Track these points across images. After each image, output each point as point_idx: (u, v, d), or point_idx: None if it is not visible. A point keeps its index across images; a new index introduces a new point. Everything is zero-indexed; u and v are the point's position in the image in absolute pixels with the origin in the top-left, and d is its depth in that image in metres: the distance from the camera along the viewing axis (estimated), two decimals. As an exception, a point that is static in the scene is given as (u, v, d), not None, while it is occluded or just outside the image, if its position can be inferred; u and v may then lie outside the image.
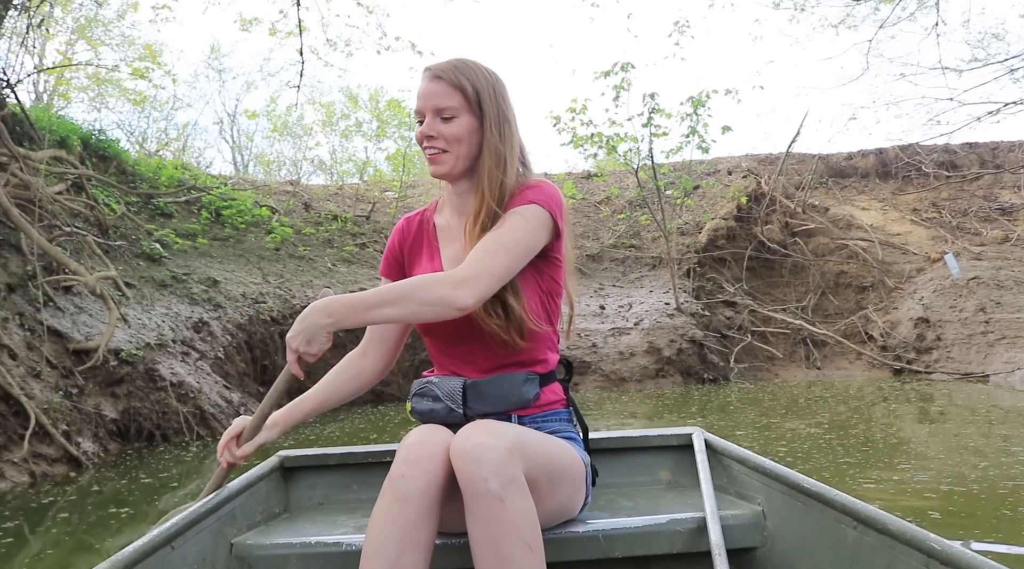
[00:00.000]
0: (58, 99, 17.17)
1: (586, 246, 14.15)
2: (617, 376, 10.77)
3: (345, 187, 15.59)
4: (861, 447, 5.44)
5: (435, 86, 1.71)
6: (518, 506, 1.42)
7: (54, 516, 4.35)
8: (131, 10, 18.81)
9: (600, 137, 12.37)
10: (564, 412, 1.83)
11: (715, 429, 6.59)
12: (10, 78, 9.18)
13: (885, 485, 4.27)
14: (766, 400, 8.66)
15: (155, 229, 9.78)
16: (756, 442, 5.79)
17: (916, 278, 12.67)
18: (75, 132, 10.06)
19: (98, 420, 6.16)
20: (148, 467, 5.65)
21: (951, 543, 1.35)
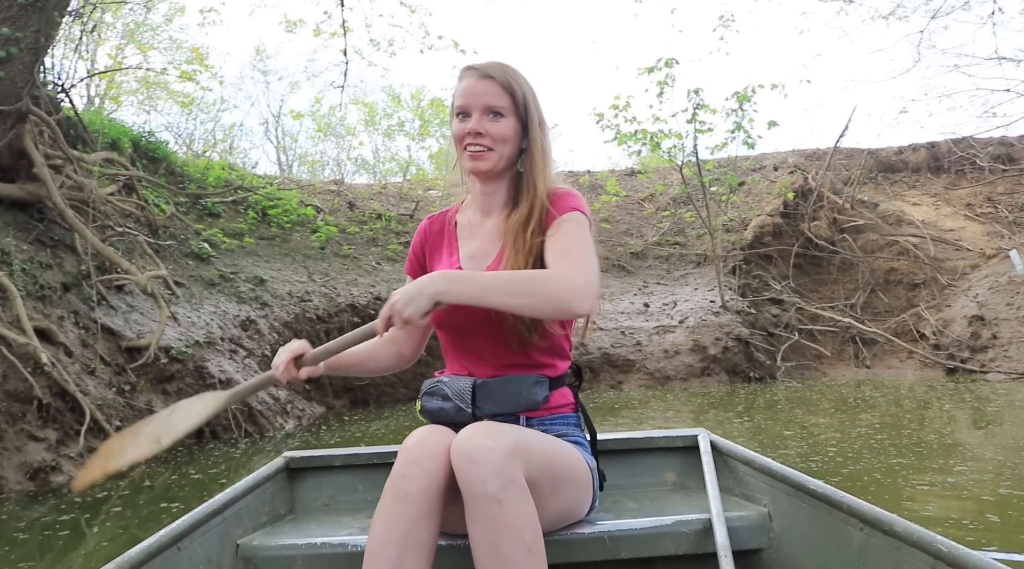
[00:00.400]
0: (109, 102, 17.55)
1: (630, 244, 14.05)
2: (662, 374, 10.68)
3: (388, 186, 15.69)
4: (914, 448, 5.32)
5: (486, 85, 1.74)
6: (517, 508, 1.42)
7: (108, 510, 4.43)
8: (178, 14, 19.16)
9: (644, 134, 12.26)
10: (573, 416, 1.83)
11: (762, 428, 6.50)
12: (64, 83, 9.41)
13: (940, 487, 4.16)
14: (814, 399, 8.51)
15: (203, 229, 9.94)
16: (805, 442, 5.68)
17: (970, 275, 12.35)
18: (126, 134, 10.27)
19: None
20: (198, 463, 5.74)
21: (958, 545, 1.34)
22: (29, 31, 6.66)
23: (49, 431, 5.42)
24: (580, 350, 10.83)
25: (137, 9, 17.16)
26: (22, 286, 6.06)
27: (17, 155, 6.96)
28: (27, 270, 6.36)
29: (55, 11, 6.83)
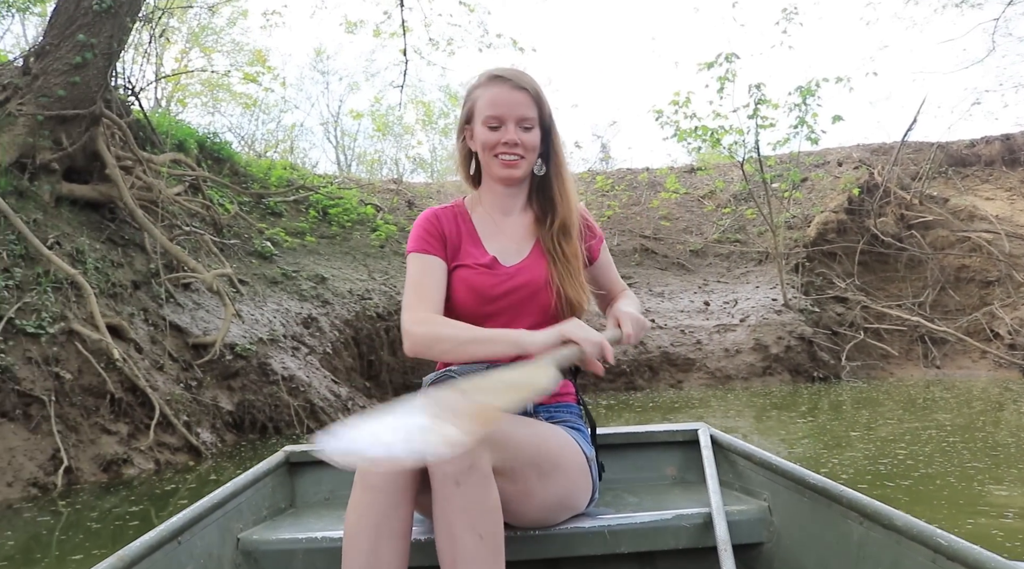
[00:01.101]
0: (175, 105, 18.01)
1: (689, 241, 13.89)
2: (722, 374, 10.53)
3: (446, 185, 15.77)
4: (989, 451, 5.13)
5: (520, 96, 1.82)
6: (474, 494, 1.45)
7: (176, 502, 4.54)
8: (241, 17, 19.55)
9: (704, 130, 12.10)
10: (575, 406, 1.91)
11: (827, 429, 6.35)
12: (134, 87, 9.68)
13: (1022, 492, 4.00)
14: (881, 400, 8.29)
15: (266, 228, 10.12)
16: (872, 443, 5.54)
17: (1047, 272, 11.89)
18: (191, 136, 10.52)
19: (215, 412, 6.41)
20: (261, 457, 5.83)
21: (957, 538, 1.35)
22: (103, 37, 6.86)
23: (121, 425, 5.57)
24: (639, 348, 10.74)
25: (201, 13, 17.58)
26: (95, 284, 6.25)
27: (91, 157, 7.19)
28: (100, 268, 6.55)
29: (127, 17, 7.03)
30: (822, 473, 4.55)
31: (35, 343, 5.43)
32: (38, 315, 5.56)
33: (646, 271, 13.20)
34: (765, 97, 11.70)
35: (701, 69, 11.91)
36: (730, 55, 11.64)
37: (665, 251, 13.76)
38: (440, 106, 24.64)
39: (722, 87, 11.80)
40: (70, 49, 6.82)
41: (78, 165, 7.14)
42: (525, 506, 1.65)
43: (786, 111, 11.89)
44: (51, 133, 6.75)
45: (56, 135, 6.81)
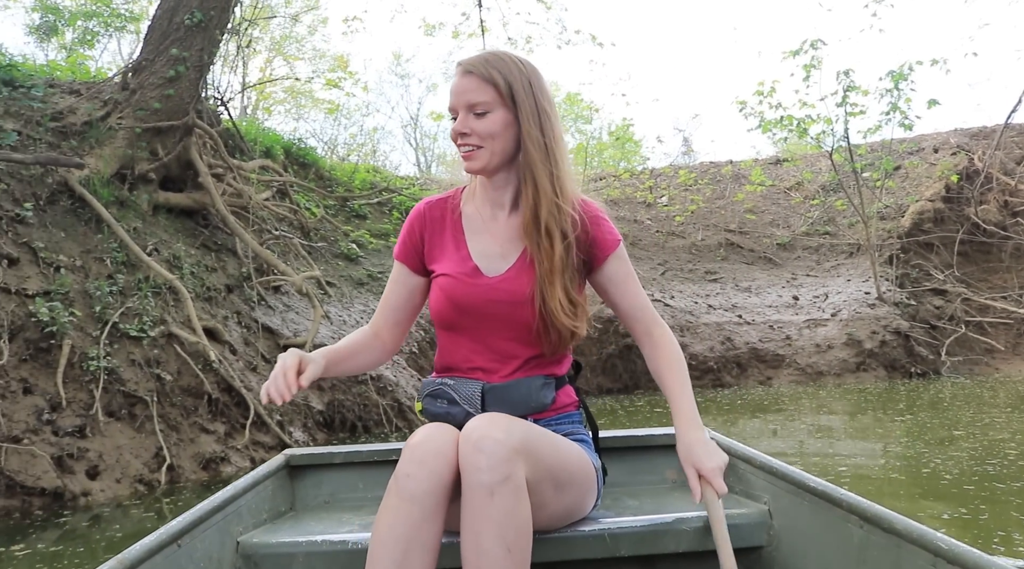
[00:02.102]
0: (261, 112, 18.55)
1: (776, 235, 13.55)
2: (813, 370, 10.23)
3: (527, 183, 15.81)
4: (1109, 451, 4.84)
5: (467, 81, 1.68)
6: (507, 505, 1.41)
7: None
8: (321, 25, 20.02)
9: (790, 120, 11.79)
10: (576, 414, 1.83)
11: (928, 427, 6.09)
12: (223, 96, 10.00)
13: None
14: (986, 396, 7.91)
15: (351, 230, 10.32)
16: (978, 442, 5.28)
17: None
18: (278, 142, 10.81)
19: (307, 411, 6.57)
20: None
21: (958, 542, 1.34)
22: (194, 50, 7.11)
23: (218, 424, 5.77)
24: (727, 345, 10.54)
25: (283, 22, 18.06)
26: (191, 288, 6.48)
27: (184, 166, 7.45)
28: (195, 273, 6.79)
29: (216, 30, 7.27)
30: (924, 474, 4.37)
31: (138, 346, 5.66)
32: (140, 319, 5.80)
33: (732, 266, 12.94)
34: (854, 83, 11.33)
35: (786, 57, 11.61)
36: (816, 42, 11.31)
37: (751, 245, 13.46)
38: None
39: (808, 75, 11.48)
40: (164, 63, 7.09)
41: (173, 174, 7.42)
42: (537, 516, 1.59)
43: (877, 97, 11.50)
44: (148, 144, 7.03)
45: (152, 146, 7.08)
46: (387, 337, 1.88)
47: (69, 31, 14.86)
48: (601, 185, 15.71)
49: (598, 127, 21.64)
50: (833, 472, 4.62)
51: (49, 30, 14.84)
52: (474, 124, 1.67)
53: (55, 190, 6.34)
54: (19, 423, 4.75)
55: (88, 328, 5.49)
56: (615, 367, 10.47)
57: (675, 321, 10.89)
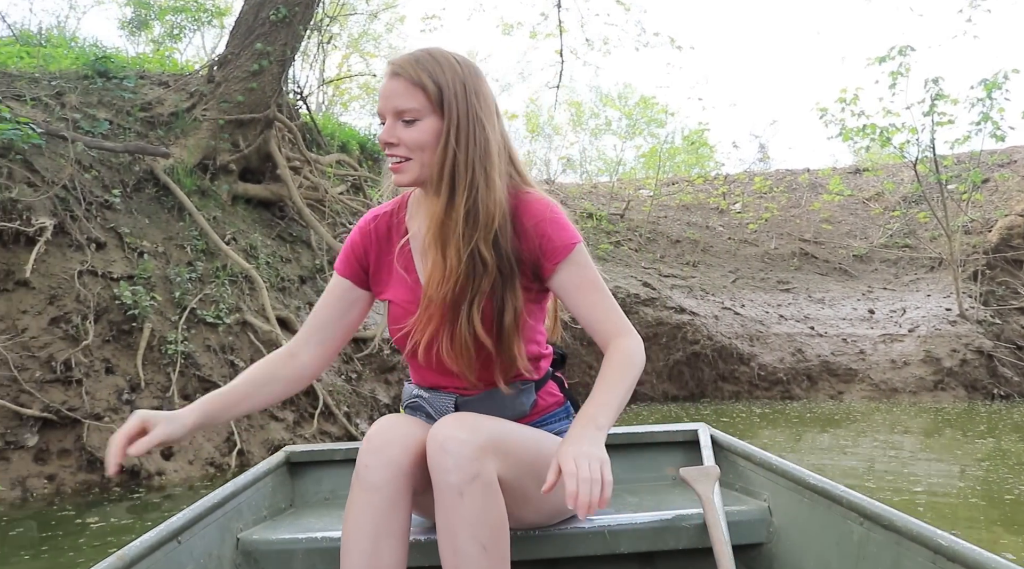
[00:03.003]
0: (338, 107, 18.86)
1: (852, 246, 13.19)
2: (888, 386, 9.92)
3: (599, 185, 15.72)
4: None
5: (395, 84, 1.50)
6: (477, 503, 1.39)
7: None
8: (399, 22, 20.27)
9: (872, 128, 11.45)
10: (562, 411, 1.76)
11: (1011, 452, 5.85)
12: (302, 91, 10.19)
13: None
14: (1075, 423, 7.56)
15: (423, 226, 10.41)
16: (1067, 471, 5.04)
17: None
18: (353, 137, 10.97)
19: (373, 403, 6.65)
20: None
21: (958, 539, 1.33)
22: (278, 45, 7.27)
23: (287, 413, 5.88)
24: (797, 356, 10.31)
25: (361, 19, 18.33)
26: (266, 278, 6.62)
27: (264, 158, 7.63)
28: (270, 263, 6.94)
29: (300, 25, 7.41)
30: (1007, 500, 4.19)
31: (213, 332, 5.81)
32: (216, 306, 5.95)
33: (805, 276, 12.65)
34: (943, 92, 10.94)
35: (871, 64, 11.29)
36: (904, 48, 10.96)
37: (826, 256, 13.14)
38: (591, 106, 24.61)
39: (894, 82, 11.13)
40: (249, 57, 7.26)
41: (252, 166, 7.60)
42: (523, 511, 1.60)
43: (967, 107, 11.07)
44: (230, 136, 7.21)
45: (234, 138, 7.26)
46: (309, 359, 1.69)
47: (157, 25, 15.37)
48: (673, 190, 15.53)
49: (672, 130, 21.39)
50: (907, 492, 4.47)
51: (140, 24, 15.37)
52: (402, 133, 1.50)
53: (141, 178, 6.56)
54: (101, 402, 4.92)
55: (167, 313, 5.65)
56: (681, 374, 10.33)
57: (745, 330, 10.70)
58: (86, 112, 6.85)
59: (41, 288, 5.18)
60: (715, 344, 10.35)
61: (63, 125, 6.41)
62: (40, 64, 7.70)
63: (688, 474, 1.92)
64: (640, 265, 11.90)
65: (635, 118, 22.53)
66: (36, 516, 4.12)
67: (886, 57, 11.10)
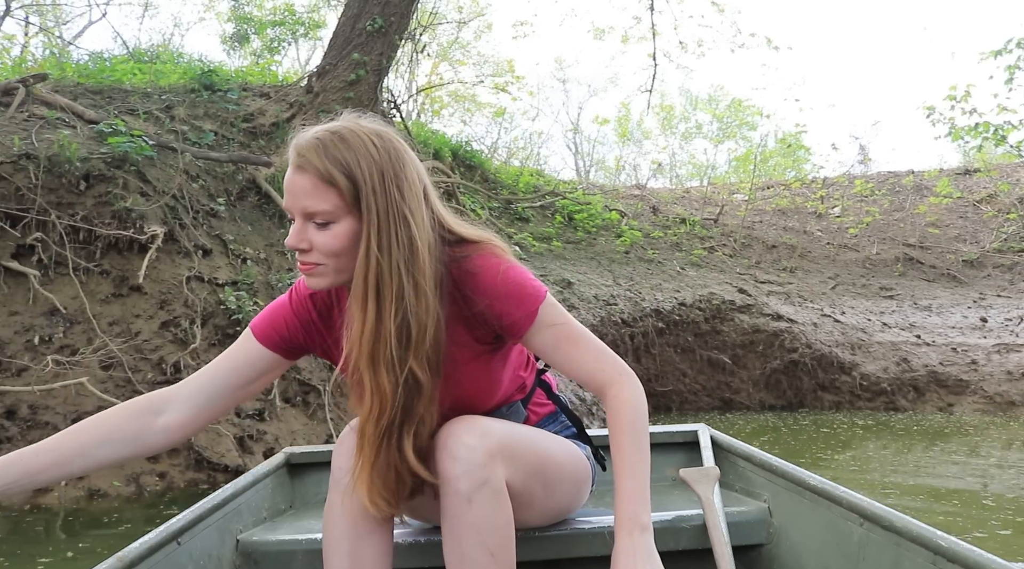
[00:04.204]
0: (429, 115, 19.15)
1: (962, 251, 12.59)
2: (1003, 399, 9.39)
3: (691, 190, 15.47)
4: None
5: (302, 181, 1.29)
6: (486, 510, 1.36)
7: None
8: (486, 30, 20.43)
9: (986, 127, 10.91)
10: (553, 415, 1.71)
11: None
12: (396, 99, 10.37)
13: None
14: None
15: (515, 233, 10.43)
16: None
17: None
18: (446, 145, 11.10)
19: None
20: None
21: (958, 540, 1.33)
22: (374, 55, 7.40)
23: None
24: (903, 366, 9.88)
25: (449, 28, 18.56)
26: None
27: (361, 166, 7.76)
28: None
29: (396, 35, 7.53)
30: None
31: (313, 337, 5.93)
32: (316, 311, 6.07)
33: (910, 282, 12.13)
34: (1064, 87, 10.35)
35: (985, 58, 10.76)
36: (1022, 40, 10.41)
37: (933, 261, 12.57)
38: (681, 109, 24.29)
39: (1011, 77, 10.58)
40: (346, 67, 7.42)
41: (351, 174, 7.74)
42: (527, 514, 1.55)
43: (1091, 103, 10.44)
44: (329, 145, 7.37)
45: (333, 146, 7.42)
46: (176, 422, 1.47)
47: (256, 39, 15.91)
48: (769, 194, 15.15)
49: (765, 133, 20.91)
50: (1034, 514, 4.19)
51: (241, 39, 15.94)
52: (314, 237, 1.31)
53: (244, 187, 6.77)
54: (207, 403, 5.07)
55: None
56: (779, 383, 10.03)
57: (845, 338, 10.32)
58: (193, 124, 7.12)
59: (152, 293, 5.39)
60: (814, 352, 10.00)
61: (172, 137, 6.67)
62: (151, 79, 8.05)
63: (688, 475, 1.93)
64: (735, 271, 11.62)
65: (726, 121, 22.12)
66: (145, 511, 4.27)
67: (1002, 50, 10.57)
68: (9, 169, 5.41)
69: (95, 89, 7.39)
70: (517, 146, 22.28)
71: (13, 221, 5.28)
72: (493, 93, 17.82)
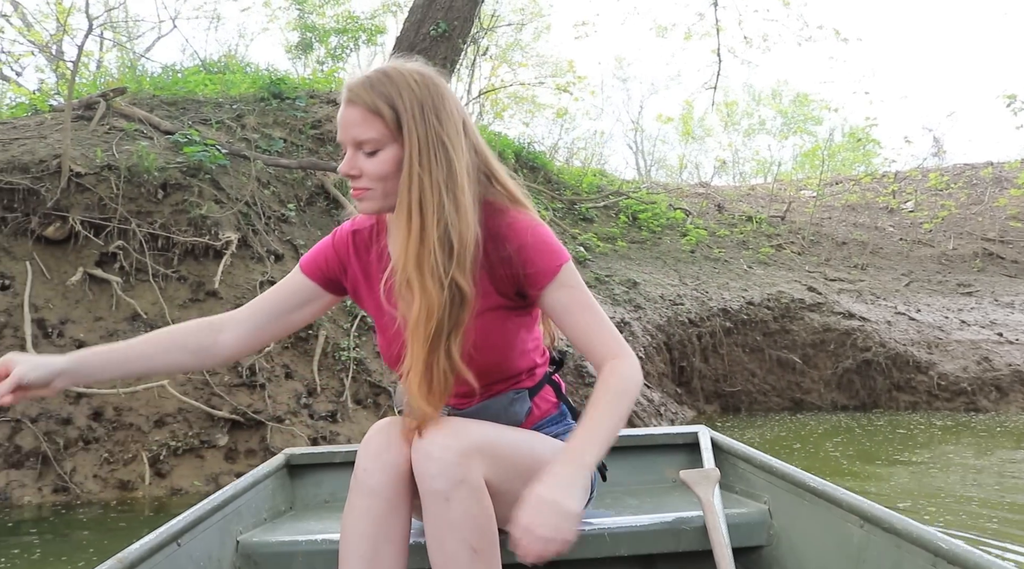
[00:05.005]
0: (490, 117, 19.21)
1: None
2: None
3: (757, 187, 15.21)
4: None
5: (352, 113, 1.44)
6: (465, 508, 1.38)
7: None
8: (545, 31, 20.42)
9: (1070, 114, 10.49)
10: (558, 415, 1.72)
11: None
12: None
13: None
14: None
15: (579, 233, 10.40)
16: None
17: None
18: (509, 146, 11.13)
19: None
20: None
21: (958, 542, 1.33)
22: (438, 59, 7.47)
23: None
24: (983, 365, 9.54)
25: (508, 30, 18.60)
26: (431, 286, 6.78)
27: (426, 170, 7.84)
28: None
29: (459, 39, 7.59)
30: None
31: (382, 339, 6.00)
32: (385, 314, 6.15)
33: (990, 278, 11.71)
34: None
35: (1066, 45, 10.33)
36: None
37: (1015, 256, 12.13)
38: (744, 105, 23.90)
39: (1094, 64, 10.14)
40: (411, 72, 7.51)
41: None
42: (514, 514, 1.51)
43: None
44: (395, 149, 7.46)
45: (399, 151, 7.51)
46: (234, 340, 1.64)
47: (319, 47, 16.19)
48: (838, 189, 14.80)
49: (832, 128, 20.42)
50: None
51: (306, 47, 16.25)
52: (363, 164, 1.45)
53: (313, 192, 6.89)
54: (282, 405, 5.18)
55: (340, 321, 5.89)
56: (851, 383, 9.78)
57: (921, 336, 10.01)
58: (263, 132, 7.28)
59: (228, 298, 5.53)
60: (888, 351, 9.73)
61: (244, 145, 6.83)
62: (222, 89, 8.26)
63: (688, 477, 1.93)
64: (804, 269, 11.38)
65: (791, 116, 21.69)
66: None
67: (1083, 37, 10.13)
68: (92, 180, 5.61)
69: (170, 100, 7.61)
70: (578, 146, 22.24)
71: (97, 230, 5.48)
72: (555, 94, 17.78)
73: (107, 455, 4.69)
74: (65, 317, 5.15)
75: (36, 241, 5.40)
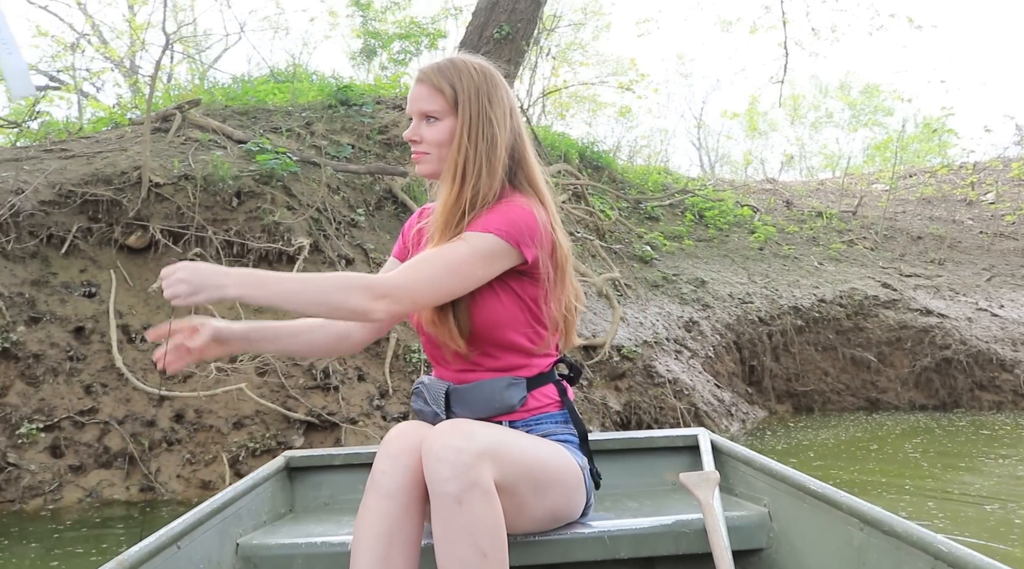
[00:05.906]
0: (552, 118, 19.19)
1: None
2: None
3: (826, 182, 14.86)
4: None
5: (420, 89, 1.74)
6: (476, 511, 1.41)
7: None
8: (604, 30, 20.29)
9: None
10: (558, 414, 1.77)
11: None
12: (522, 104, 10.45)
13: None
14: None
15: (644, 232, 10.31)
16: None
17: None
18: (572, 146, 11.09)
19: (604, 410, 6.64)
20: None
21: (958, 545, 1.33)
22: (502, 61, 7.48)
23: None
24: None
25: (568, 30, 18.55)
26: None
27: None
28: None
29: (523, 41, 7.60)
30: None
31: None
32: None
33: (1078, 273, 11.24)
34: None
35: None
36: None
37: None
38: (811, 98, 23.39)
39: None
40: (475, 75, 7.56)
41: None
42: (518, 519, 1.60)
43: None
44: (460, 152, 7.52)
45: (464, 154, 7.57)
46: (360, 329, 1.87)
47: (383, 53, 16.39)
48: (912, 182, 14.37)
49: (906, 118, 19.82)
50: None
51: (369, 53, 16.48)
52: (424, 131, 1.73)
53: (381, 197, 6.99)
54: (355, 407, 5.27)
55: (409, 324, 5.95)
56: (930, 382, 9.48)
57: (1005, 333, 9.66)
58: (332, 138, 7.41)
59: (301, 302, 5.64)
60: (969, 349, 9.40)
61: (314, 152, 6.97)
62: (291, 98, 8.43)
63: (688, 479, 1.93)
64: (878, 265, 11.08)
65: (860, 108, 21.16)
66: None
67: None
68: (171, 190, 5.80)
69: (241, 110, 7.81)
70: (640, 144, 22.06)
71: (175, 238, 5.66)
72: (617, 92, 17.68)
73: (189, 456, 4.83)
74: (147, 323, 5.33)
75: (119, 250, 5.60)
